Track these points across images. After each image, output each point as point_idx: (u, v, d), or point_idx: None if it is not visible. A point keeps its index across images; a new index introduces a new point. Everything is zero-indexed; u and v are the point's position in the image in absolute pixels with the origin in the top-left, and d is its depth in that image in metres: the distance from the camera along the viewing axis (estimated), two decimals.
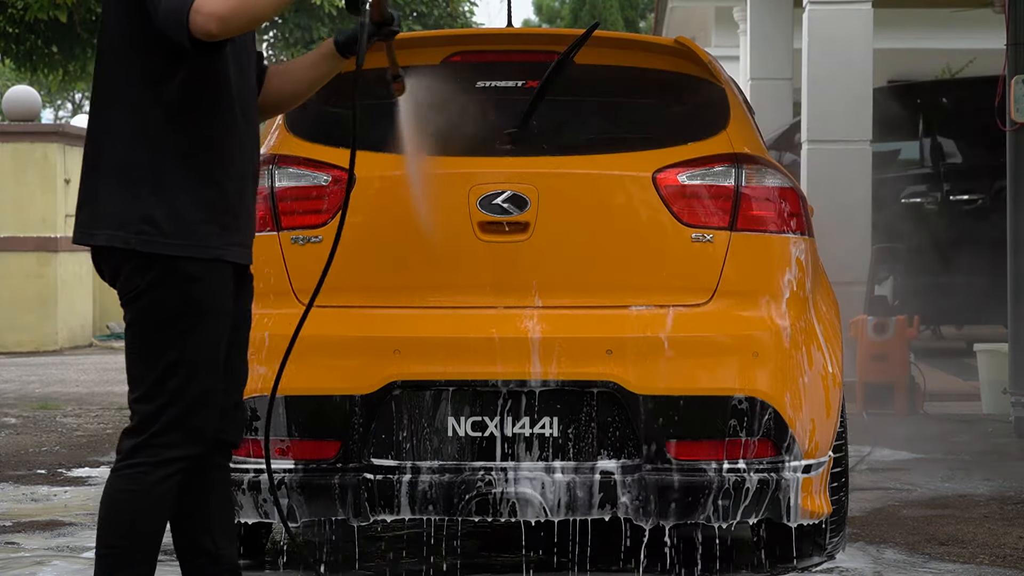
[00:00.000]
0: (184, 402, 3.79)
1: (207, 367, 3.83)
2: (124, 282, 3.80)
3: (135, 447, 3.80)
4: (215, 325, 3.84)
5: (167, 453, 3.79)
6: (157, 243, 3.75)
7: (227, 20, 3.66)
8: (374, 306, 5.05)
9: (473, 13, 29.32)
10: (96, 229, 3.81)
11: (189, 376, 3.80)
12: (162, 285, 3.77)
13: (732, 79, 5.63)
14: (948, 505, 6.81)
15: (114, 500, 3.81)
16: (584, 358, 4.92)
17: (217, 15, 3.64)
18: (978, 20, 17.96)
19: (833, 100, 11.84)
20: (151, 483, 3.79)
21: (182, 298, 3.78)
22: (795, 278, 5.12)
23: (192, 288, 3.78)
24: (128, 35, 3.79)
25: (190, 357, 3.80)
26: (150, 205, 3.75)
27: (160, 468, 3.79)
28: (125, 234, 3.76)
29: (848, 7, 11.91)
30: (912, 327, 10.80)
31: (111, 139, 3.79)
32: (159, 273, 3.77)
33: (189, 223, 3.77)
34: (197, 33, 3.65)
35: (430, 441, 4.95)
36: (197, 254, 3.78)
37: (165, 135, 3.76)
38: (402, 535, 5.98)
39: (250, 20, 3.71)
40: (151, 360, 3.79)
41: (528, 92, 5.22)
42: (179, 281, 3.77)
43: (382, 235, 5.06)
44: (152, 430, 3.79)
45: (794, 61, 15.20)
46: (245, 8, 3.67)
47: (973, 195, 13.61)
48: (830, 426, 5.15)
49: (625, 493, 4.89)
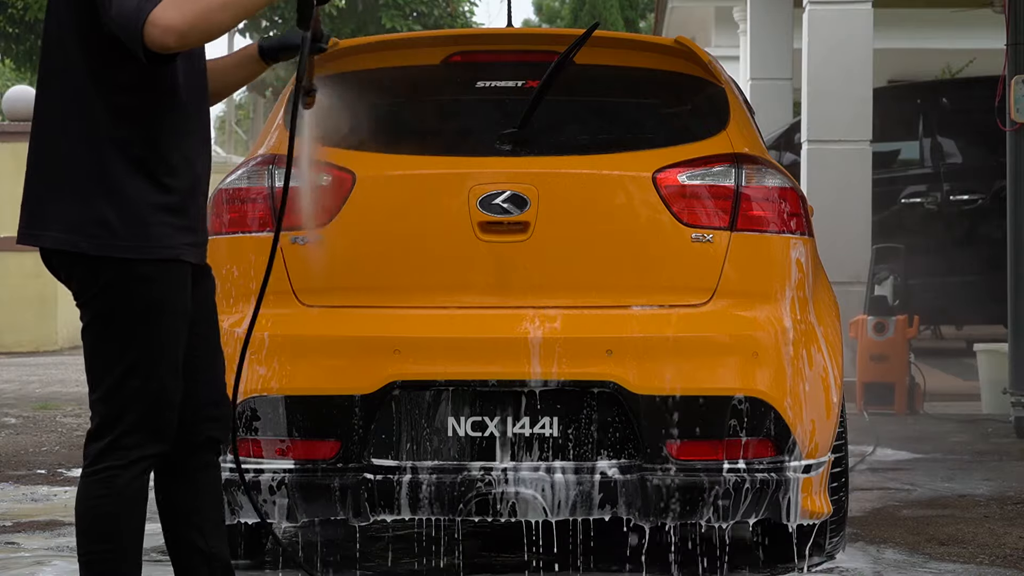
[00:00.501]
0: (145, 402, 3.78)
1: (166, 367, 3.82)
2: (78, 285, 3.78)
3: (101, 451, 3.79)
4: (172, 325, 3.82)
5: (133, 454, 3.79)
6: (110, 245, 3.72)
7: (185, 35, 3.58)
8: (374, 306, 5.04)
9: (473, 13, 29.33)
10: (42, 230, 3.76)
11: (149, 376, 3.78)
12: (117, 287, 3.74)
13: (732, 79, 5.63)
14: (948, 505, 6.82)
15: (89, 506, 3.80)
16: (584, 358, 4.92)
17: (175, 29, 3.56)
18: (978, 20, 17.96)
19: (833, 100, 11.85)
20: (122, 485, 3.78)
21: (138, 299, 3.75)
22: (795, 278, 5.11)
23: (147, 289, 3.75)
24: (75, 34, 3.72)
25: (148, 357, 3.78)
26: (101, 207, 3.70)
27: (129, 469, 3.79)
28: (76, 237, 3.72)
29: (848, 7, 11.91)
30: (912, 327, 10.80)
31: (58, 139, 3.74)
32: (113, 275, 3.73)
33: (141, 224, 3.73)
34: (152, 46, 3.58)
35: (430, 441, 4.95)
36: (151, 255, 3.74)
37: (114, 135, 3.70)
38: (402, 535, 5.98)
39: (209, 33, 3.62)
40: (110, 361, 3.78)
41: (528, 92, 5.21)
42: (134, 282, 3.74)
43: (382, 235, 5.06)
44: (116, 432, 3.78)
45: (794, 61, 15.22)
46: (204, 22, 3.59)
47: (973, 195, 13.61)
48: (830, 426, 5.15)
49: (625, 493, 4.89)
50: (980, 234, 13.39)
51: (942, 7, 18.21)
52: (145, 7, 3.56)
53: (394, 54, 5.50)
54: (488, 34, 6.22)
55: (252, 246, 5.09)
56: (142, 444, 3.79)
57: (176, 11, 3.56)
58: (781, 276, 5.09)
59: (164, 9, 3.56)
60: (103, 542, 3.78)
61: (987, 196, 13.47)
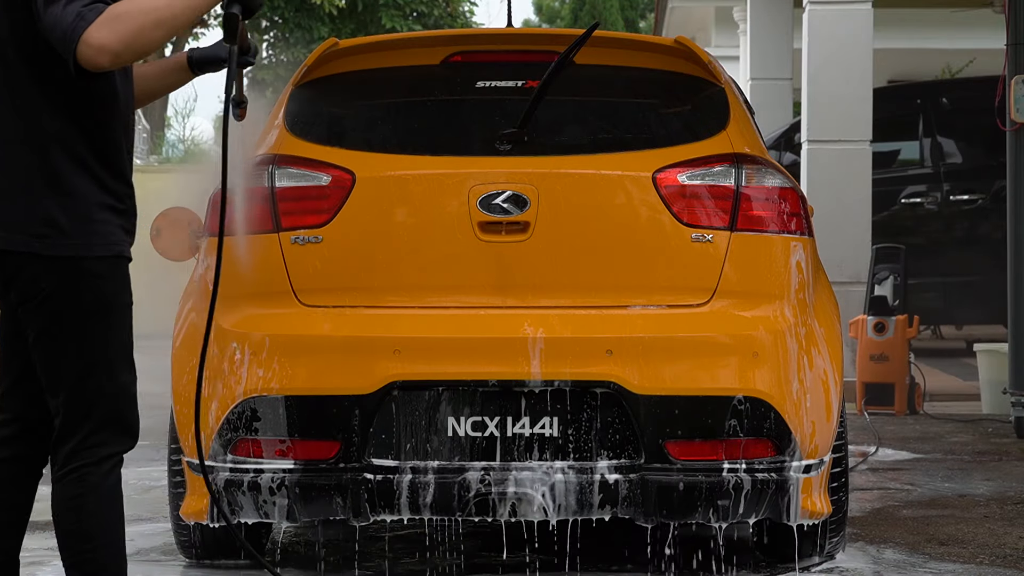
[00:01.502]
0: (108, 399, 3.79)
1: (124, 361, 3.83)
2: (27, 286, 3.76)
3: (71, 452, 3.79)
4: (124, 319, 3.84)
5: (103, 451, 3.80)
6: (60, 244, 3.73)
7: (119, 55, 3.59)
8: (374, 306, 5.04)
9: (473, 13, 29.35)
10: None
11: (109, 372, 3.79)
12: (68, 286, 3.75)
13: (732, 79, 5.63)
14: (948, 505, 6.82)
15: (67, 507, 3.81)
16: (584, 358, 4.92)
17: (109, 49, 3.57)
18: (978, 20, 17.97)
19: (833, 100, 11.85)
20: (95, 483, 3.79)
21: (90, 297, 3.76)
22: (795, 278, 5.11)
23: (98, 285, 3.77)
24: (12, 36, 3.73)
25: (106, 354, 3.80)
26: (48, 206, 3.72)
27: (100, 466, 3.80)
28: (25, 237, 3.72)
29: (848, 7, 11.92)
30: (912, 327, 10.80)
31: (2, 140, 3.76)
32: (64, 274, 3.74)
33: (89, 222, 3.74)
34: (86, 64, 3.60)
35: (430, 441, 4.94)
36: (99, 252, 3.76)
37: (58, 135, 3.72)
38: (402, 535, 5.98)
39: (142, 52, 3.64)
40: (68, 362, 3.78)
41: (528, 92, 5.21)
42: (85, 280, 3.75)
43: (382, 235, 5.06)
44: (83, 432, 3.78)
45: (794, 61, 15.22)
46: (137, 41, 3.59)
47: (973, 195, 13.61)
48: (830, 426, 5.15)
49: (625, 493, 4.89)
50: (980, 234, 13.40)
51: (942, 7, 18.22)
52: (79, 26, 3.58)
53: (394, 54, 5.51)
54: (488, 34, 6.22)
55: (252, 246, 5.08)
56: (110, 441, 3.81)
57: (109, 31, 3.57)
58: (781, 276, 5.09)
59: (98, 29, 3.58)
60: (87, 541, 3.79)
61: (987, 196, 13.48)
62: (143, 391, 3.98)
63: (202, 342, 4.13)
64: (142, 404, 3.93)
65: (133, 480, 7.43)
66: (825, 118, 11.89)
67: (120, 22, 3.57)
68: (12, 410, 3.92)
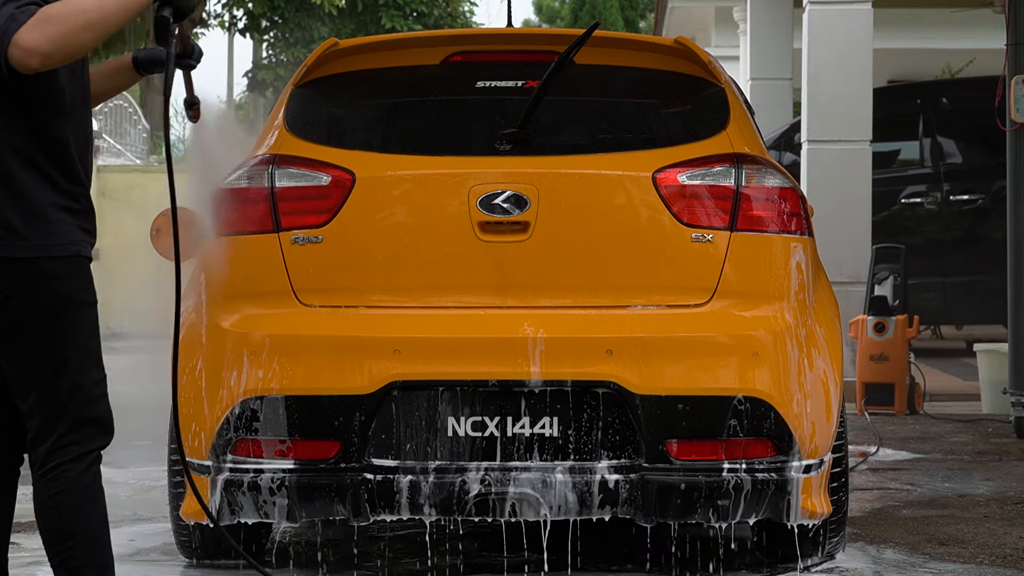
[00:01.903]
0: (80, 396, 3.80)
1: (92, 358, 3.84)
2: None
3: (49, 452, 3.80)
4: (87, 316, 3.84)
5: (79, 448, 3.81)
6: (14, 246, 3.73)
7: (49, 56, 3.60)
8: (374, 306, 5.04)
9: (473, 13, 29.37)
10: None
11: (78, 370, 3.81)
12: (27, 287, 3.75)
13: (732, 79, 5.63)
14: (948, 505, 6.82)
15: (48, 506, 3.82)
16: (584, 358, 4.92)
17: (38, 51, 3.59)
18: (978, 20, 17.97)
19: (833, 100, 11.85)
20: (74, 479, 3.80)
21: (50, 297, 3.77)
22: (795, 278, 5.11)
23: (56, 285, 3.77)
24: None
25: (72, 352, 3.81)
26: (3, 208, 3.73)
27: (78, 463, 3.81)
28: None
29: (848, 7, 11.92)
30: (912, 327, 10.80)
31: None
32: (20, 276, 3.74)
33: (43, 222, 3.75)
34: (16, 66, 3.61)
35: (430, 441, 4.94)
36: (55, 252, 3.76)
37: (8, 138, 3.73)
38: (402, 535, 5.98)
39: (72, 55, 3.65)
40: (36, 363, 3.79)
41: (528, 92, 5.21)
42: (42, 280, 3.75)
43: (382, 235, 5.06)
44: (58, 431, 3.80)
45: (794, 61, 15.22)
46: (68, 43, 3.60)
47: (973, 195, 13.61)
48: (830, 426, 5.15)
49: (625, 493, 4.89)
50: (980, 234, 13.40)
51: (942, 7, 18.22)
52: (10, 28, 3.59)
53: (394, 54, 5.50)
54: (488, 34, 6.22)
55: (252, 246, 5.09)
56: (88, 438, 3.82)
57: (39, 33, 3.59)
58: (781, 276, 5.09)
59: (28, 31, 3.59)
60: (69, 538, 3.80)
61: (987, 196, 13.48)
62: (144, 391, 3.99)
63: (200, 344, 4.14)
64: (143, 404, 3.94)
65: (133, 480, 7.44)
66: (825, 118, 11.89)
67: (51, 24, 3.59)
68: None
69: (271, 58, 29.02)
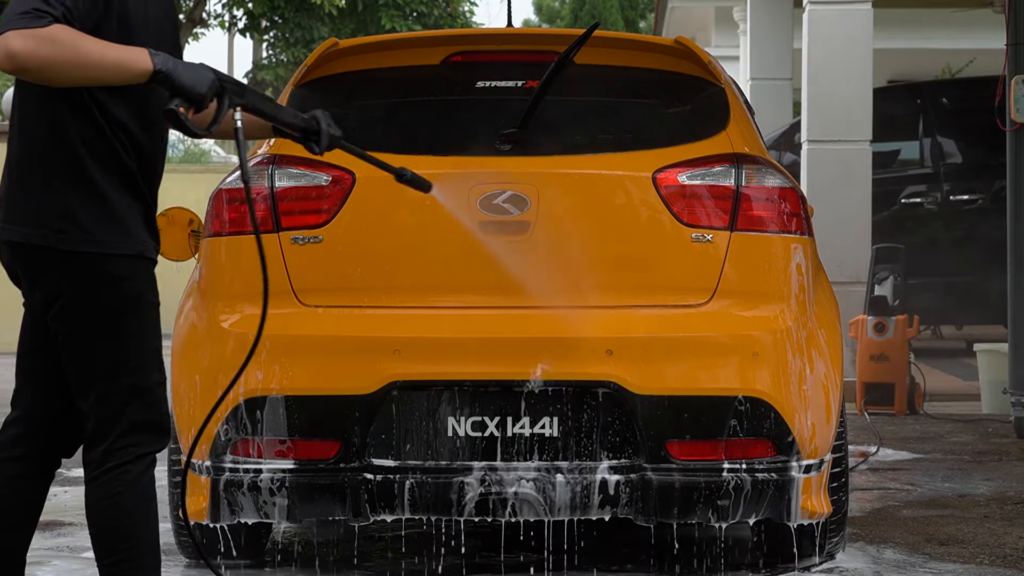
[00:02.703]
0: (140, 398, 3.78)
1: (153, 361, 3.83)
2: (50, 287, 3.76)
3: (106, 453, 3.78)
4: (153, 317, 3.84)
5: (136, 451, 3.79)
6: (84, 241, 3.71)
7: (25, 71, 3.53)
8: (374, 306, 5.04)
9: (473, 13, 29.34)
10: (14, 225, 3.76)
11: (138, 371, 3.79)
12: (93, 285, 3.74)
13: (732, 79, 5.63)
14: (948, 505, 6.82)
15: (102, 508, 3.79)
16: (584, 358, 4.92)
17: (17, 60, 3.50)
18: (978, 20, 17.97)
19: (833, 100, 11.84)
20: (132, 480, 3.78)
21: (116, 296, 3.75)
22: (795, 278, 5.11)
23: (123, 285, 3.76)
24: None
25: (136, 353, 3.79)
26: (69, 203, 3.71)
27: (135, 464, 3.79)
28: (43, 231, 3.72)
29: (848, 7, 11.91)
30: (912, 327, 10.80)
31: (32, 136, 3.75)
32: (88, 272, 3.72)
33: (113, 221, 3.73)
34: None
35: (430, 441, 4.94)
36: (123, 251, 3.75)
37: (82, 135, 3.72)
38: (402, 535, 5.98)
39: (48, 79, 3.57)
40: (99, 362, 3.77)
41: (528, 92, 5.21)
42: (110, 279, 3.74)
43: (382, 235, 5.06)
44: (116, 432, 3.78)
45: (794, 61, 15.21)
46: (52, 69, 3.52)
47: (973, 195, 13.61)
48: (830, 426, 5.15)
49: (625, 493, 4.89)
50: (980, 234, 13.39)
51: (942, 7, 18.22)
52: (12, 21, 3.53)
53: (394, 54, 5.50)
54: (488, 34, 6.22)
55: (252, 246, 5.08)
56: (144, 441, 3.80)
57: (33, 45, 3.51)
58: (781, 276, 5.09)
59: (23, 38, 3.52)
60: (124, 540, 3.77)
61: (987, 196, 13.47)
62: None
63: (200, 344, 4.13)
64: None
65: None
66: (825, 118, 11.88)
67: (48, 45, 3.52)
68: (22, 407, 3.91)
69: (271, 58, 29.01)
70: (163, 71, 3.59)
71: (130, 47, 3.62)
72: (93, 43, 3.57)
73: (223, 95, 3.71)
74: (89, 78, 3.60)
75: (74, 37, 3.56)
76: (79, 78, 3.59)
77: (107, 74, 3.60)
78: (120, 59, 3.58)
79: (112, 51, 3.58)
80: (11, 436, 3.92)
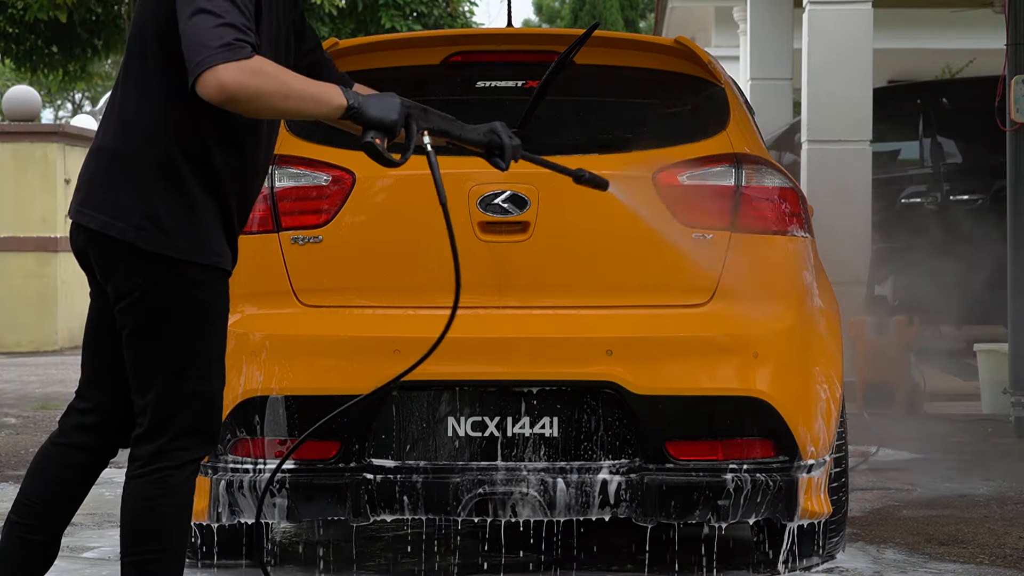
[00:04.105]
0: (197, 404, 3.78)
1: (216, 369, 3.82)
2: (122, 281, 3.75)
3: (155, 452, 3.77)
4: (220, 327, 3.83)
5: (186, 455, 3.79)
6: (159, 242, 3.70)
7: (235, 103, 3.54)
8: (374, 306, 5.04)
9: (473, 13, 29.31)
10: (94, 212, 3.74)
11: (200, 378, 3.78)
12: (168, 287, 3.72)
13: (732, 79, 5.63)
14: (948, 505, 6.81)
15: (144, 507, 3.78)
16: (584, 358, 4.92)
17: (228, 93, 3.51)
18: (978, 20, 17.96)
19: (833, 100, 11.84)
20: (176, 485, 3.78)
21: (189, 302, 3.74)
22: (795, 278, 5.11)
23: (197, 292, 3.75)
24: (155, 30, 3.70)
25: (200, 359, 3.78)
26: (154, 202, 3.69)
27: (183, 470, 3.79)
28: (123, 226, 3.71)
29: (848, 7, 11.91)
30: (912, 327, 10.80)
31: (131, 131, 3.73)
32: (164, 274, 3.71)
33: (195, 227, 3.72)
34: (198, 88, 3.54)
35: (430, 441, 4.95)
36: (201, 259, 3.75)
37: (178, 137, 3.70)
38: (402, 535, 5.98)
39: (254, 111, 3.59)
40: (162, 363, 3.76)
41: (528, 92, 5.21)
42: (185, 284, 3.72)
43: (382, 235, 5.06)
44: (169, 434, 3.77)
45: (794, 61, 15.20)
46: (259, 102, 3.54)
47: (973, 195, 13.61)
48: (830, 426, 5.15)
49: (625, 493, 4.89)
50: (980, 234, 13.39)
51: (942, 7, 18.21)
52: (220, 54, 3.52)
53: (394, 54, 5.51)
54: (488, 34, 6.22)
55: (252, 246, 5.08)
56: (193, 446, 3.79)
57: (244, 78, 3.52)
58: (781, 276, 5.09)
59: (235, 70, 3.52)
60: (156, 542, 3.77)
61: (987, 196, 13.47)
62: None
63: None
64: None
65: None
66: (825, 118, 11.87)
67: (257, 77, 3.53)
68: (93, 400, 3.91)
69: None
70: (355, 106, 3.65)
71: (321, 82, 3.66)
72: (292, 75, 3.60)
73: (410, 121, 3.74)
74: (291, 110, 3.62)
75: (277, 69, 3.58)
76: (283, 110, 3.61)
77: (307, 107, 3.63)
78: (318, 93, 3.62)
79: (310, 85, 3.62)
80: (76, 424, 3.91)
